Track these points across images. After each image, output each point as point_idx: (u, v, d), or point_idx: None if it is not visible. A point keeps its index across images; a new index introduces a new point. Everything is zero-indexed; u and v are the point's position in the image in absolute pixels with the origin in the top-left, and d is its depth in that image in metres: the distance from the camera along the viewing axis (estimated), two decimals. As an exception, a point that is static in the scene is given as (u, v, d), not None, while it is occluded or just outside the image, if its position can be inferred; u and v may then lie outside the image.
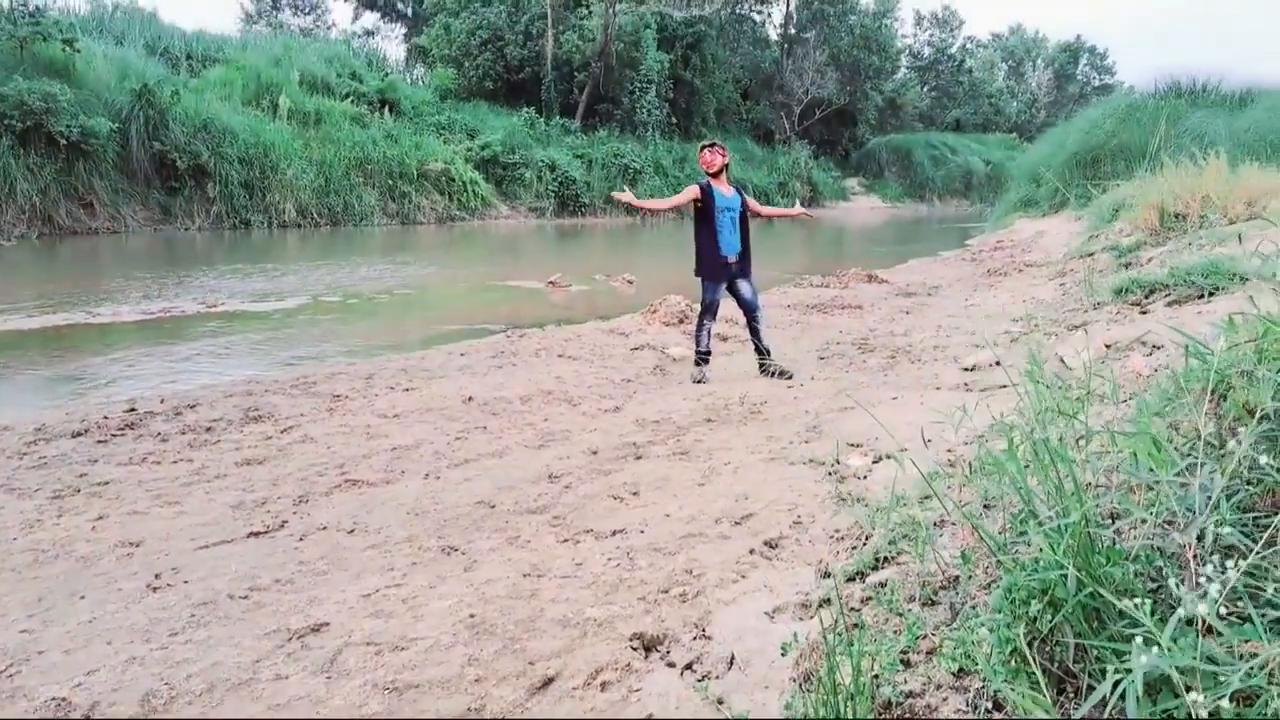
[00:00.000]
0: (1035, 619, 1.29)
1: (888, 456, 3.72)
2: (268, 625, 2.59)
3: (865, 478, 3.53)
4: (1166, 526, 1.33)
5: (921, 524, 2.36)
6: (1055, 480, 1.45)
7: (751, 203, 6.22)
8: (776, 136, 44.02)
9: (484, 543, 3.23)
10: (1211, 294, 4.78)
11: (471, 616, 2.61)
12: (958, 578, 1.93)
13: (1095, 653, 1.29)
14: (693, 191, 6.03)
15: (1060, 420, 1.64)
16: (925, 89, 57.71)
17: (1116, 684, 1.09)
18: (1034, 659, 1.27)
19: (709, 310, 6.11)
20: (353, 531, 3.37)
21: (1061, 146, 18.41)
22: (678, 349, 7.18)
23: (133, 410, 5.19)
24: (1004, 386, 4.51)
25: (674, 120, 36.51)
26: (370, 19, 46.71)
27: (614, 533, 3.27)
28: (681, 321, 8.26)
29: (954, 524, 2.46)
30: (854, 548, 2.70)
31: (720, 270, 6.06)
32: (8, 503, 3.70)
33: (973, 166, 51.25)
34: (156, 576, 2.94)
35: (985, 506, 2.49)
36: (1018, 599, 1.32)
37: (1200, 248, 6.37)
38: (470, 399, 5.55)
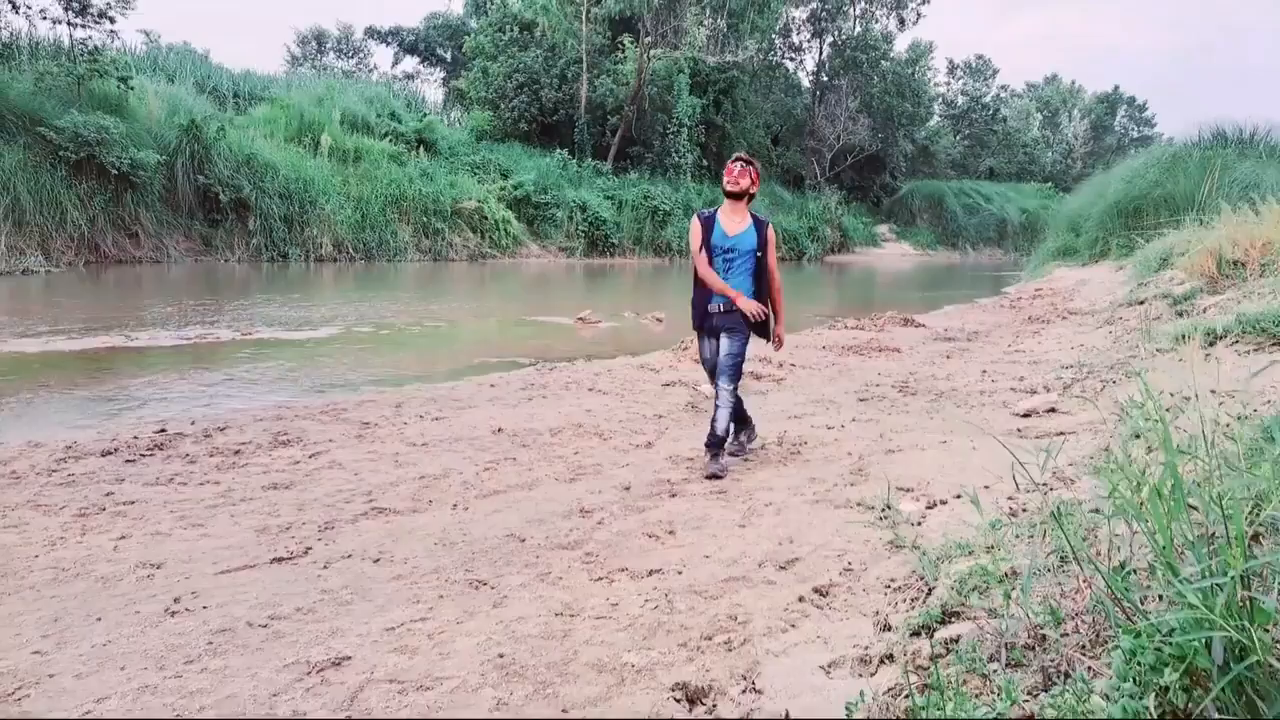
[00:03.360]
0: (1168, 689, 1.11)
1: (942, 502, 3.52)
2: (287, 656, 2.45)
3: (919, 524, 3.33)
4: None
5: (993, 575, 2.17)
6: (1191, 529, 1.28)
7: (774, 256, 4.61)
8: (807, 182, 44.14)
9: (514, 578, 3.08)
10: (1283, 341, 4.56)
11: (501, 656, 2.44)
12: (1045, 637, 1.74)
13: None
14: (695, 233, 4.58)
15: (1185, 463, 1.46)
16: (958, 137, 57.69)
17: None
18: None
19: (705, 368, 4.79)
20: (378, 561, 3.23)
21: (1101, 196, 18.17)
22: (708, 386, 7.01)
23: (163, 431, 5.13)
24: (1062, 434, 4.30)
25: (704, 164, 36.74)
26: (410, 63, 47.86)
27: (650, 573, 3.10)
28: (715, 360, 8.11)
29: (1027, 575, 2.26)
30: (915, 599, 2.50)
31: (704, 320, 4.63)
32: (33, 519, 3.62)
33: (1007, 215, 50.94)
34: (175, 600, 2.82)
35: (1062, 559, 2.30)
36: (1145, 665, 1.14)
37: (1264, 296, 6.13)
38: (500, 430, 5.43)
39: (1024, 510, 3.12)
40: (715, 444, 4.53)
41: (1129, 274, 12.04)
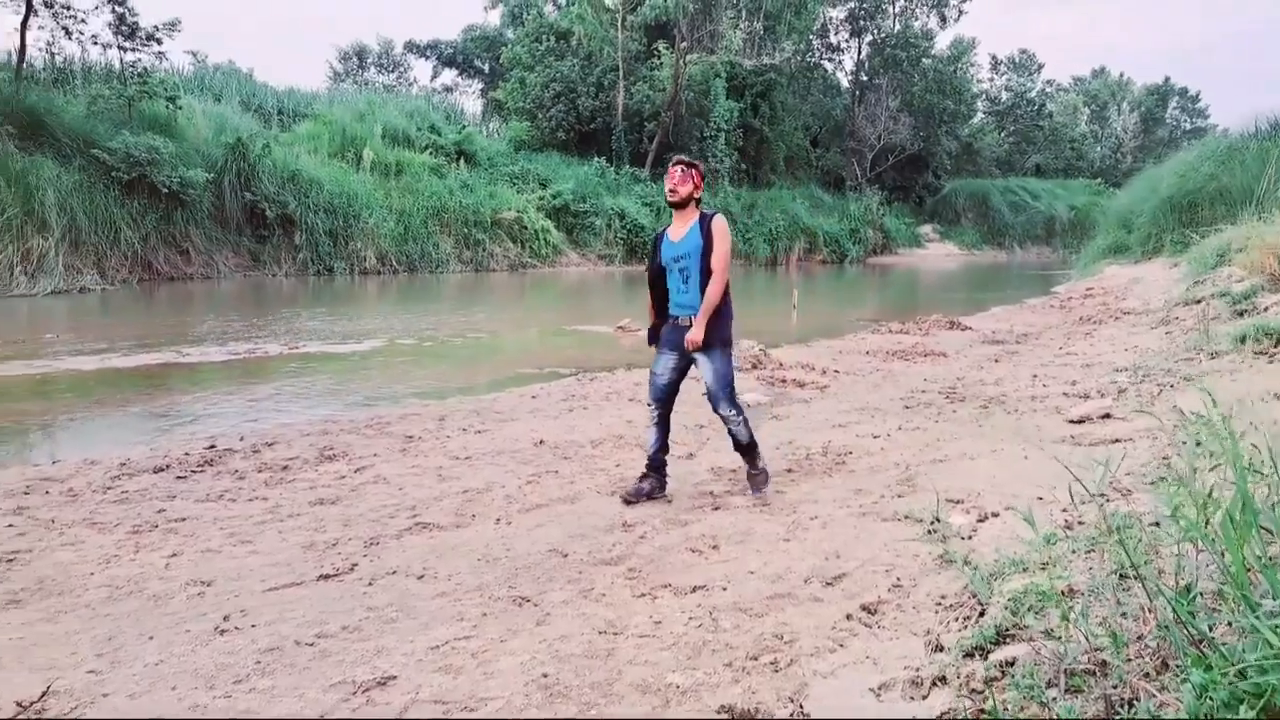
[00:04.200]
0: (1244, 727, 1.05)
1: (994, 514, 3.43)
2: (334, 676, 2.46)
3: (970, 538, 3.24)
4: None
5: (1049, 594, 2.09)
6: (1264, 551, 1.21)
7: (718, 250, 4.02)
8: (847, 183, 43.66)
9: (557, 594, 3.06)
10: (1352, 342, 4.36)
11: (544, 676, 2.43)
12: (1106, 662, 1.67)
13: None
14: (650, 266, 4.32)
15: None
16: (1003, 134, 56.56)
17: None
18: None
19: (650, 391, 4.34)
20: (422, 577, 3.25)
21: (1154, 190, 17.67)
22: (751, 395, 6.95)
23: (213, 447, 5.24)
24: (1118, 441, 4.17)
25: (743, 168, 36.57)
26: (449, 75, 48.48)
27: (694, 589, 3.06)
28: (755, 367, 8.05)
29: (1086, 595, 2.18)
30: (967, 618, 2.43)
31: (668, 331, 4.24)
32: (89, 537, 3.71)
33: (1055, 212, 49.84)
34: (225, 619, 2.86)
35: (1121, 577, 2.21)
36: (1218, 701, 1.08)
37: (1330, 293, 5.89)
38: (541, 442, 5.43)
39: (1080, 523, 3.03)
40: (745, 449, 4.23)
41: (1184, 271, 11.69)
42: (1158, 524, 2.58)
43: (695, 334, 4.01)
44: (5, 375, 7.96)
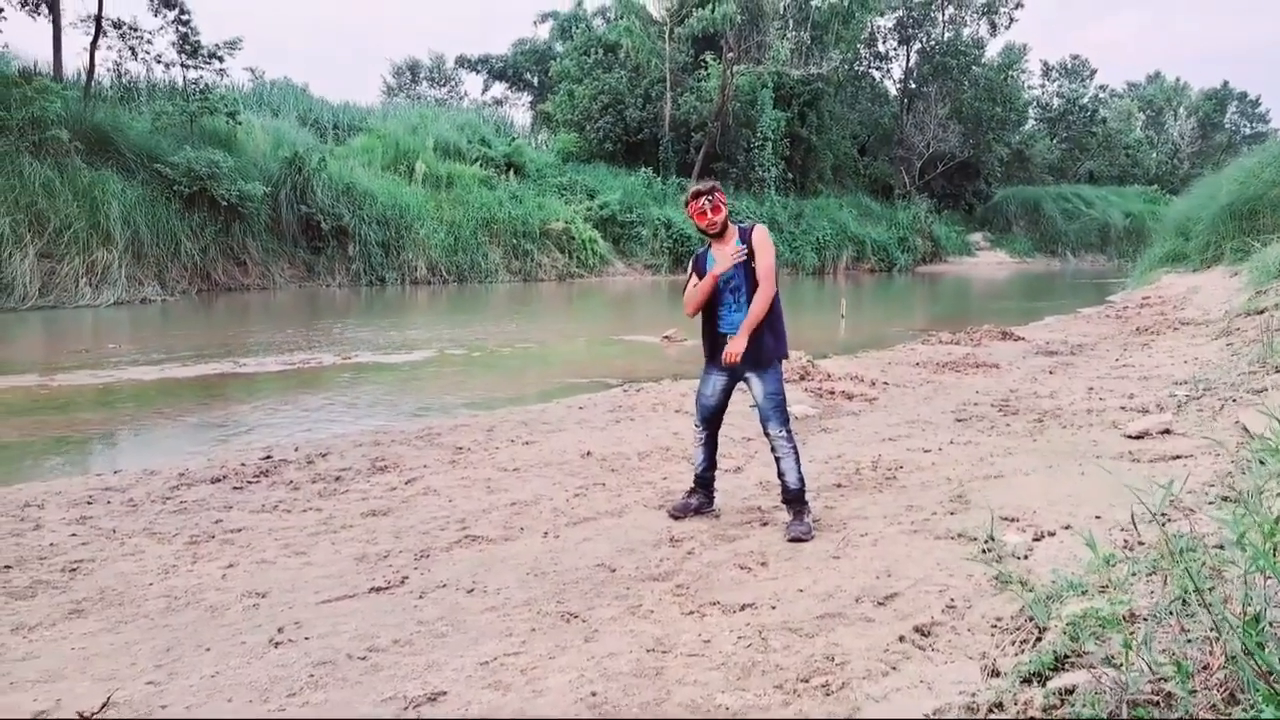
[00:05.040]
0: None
1: (1050, 533, 3.34)
2: (385, 691, 2.49)
3: (1026, 557, 3.16)
4: None
5: (1110, 619, 2.03)
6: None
7: (762, 260, 3.93)
8: (896, 191, 43.10)
9: (605, 610, 3.06)
10: None
11: (593, 695, 2.43)
12: (1171, 694, 1.61)
13: None
14: (692, 278, 4.16)
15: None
16: (1055, 140, 55.31)
17: None
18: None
19: (698, 412, 4.24)
20: (472, 591, 3.28)
21: (1213, 197, 17.15)
22: (799, 407, 6.88)
23: (268, 458, 5.35)
24: (1179, 457, 4.03)
25: (790, 177, 36.37)
26: (499, 89, 49.09)
27: (743, 607, 3.04)
28: (803, 378, 7.97)
29: (1148, 620, 2.11)
30: (1024, 642, 2.37)
31: (717, 350, 4.06)
32: (148, 547, 3.82)
33: (1110, 219, 48.58)
34: (279, 631, 2.92)
35: (1184, 603, 2.14)
36: (1295, 744, 1.04)
37: None
38: (589, 454, 5.45)
39: (1140, 544, 2.93)
40: (795, 498, 3.90)
41: (1245, 280, 11.29)
42: (1221, 546, 2.49)
43: (735, 345, 3.86)
44: (70, 385, 8.27)
